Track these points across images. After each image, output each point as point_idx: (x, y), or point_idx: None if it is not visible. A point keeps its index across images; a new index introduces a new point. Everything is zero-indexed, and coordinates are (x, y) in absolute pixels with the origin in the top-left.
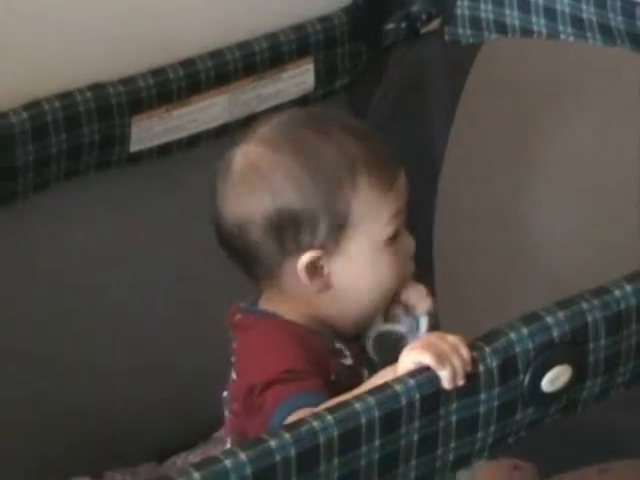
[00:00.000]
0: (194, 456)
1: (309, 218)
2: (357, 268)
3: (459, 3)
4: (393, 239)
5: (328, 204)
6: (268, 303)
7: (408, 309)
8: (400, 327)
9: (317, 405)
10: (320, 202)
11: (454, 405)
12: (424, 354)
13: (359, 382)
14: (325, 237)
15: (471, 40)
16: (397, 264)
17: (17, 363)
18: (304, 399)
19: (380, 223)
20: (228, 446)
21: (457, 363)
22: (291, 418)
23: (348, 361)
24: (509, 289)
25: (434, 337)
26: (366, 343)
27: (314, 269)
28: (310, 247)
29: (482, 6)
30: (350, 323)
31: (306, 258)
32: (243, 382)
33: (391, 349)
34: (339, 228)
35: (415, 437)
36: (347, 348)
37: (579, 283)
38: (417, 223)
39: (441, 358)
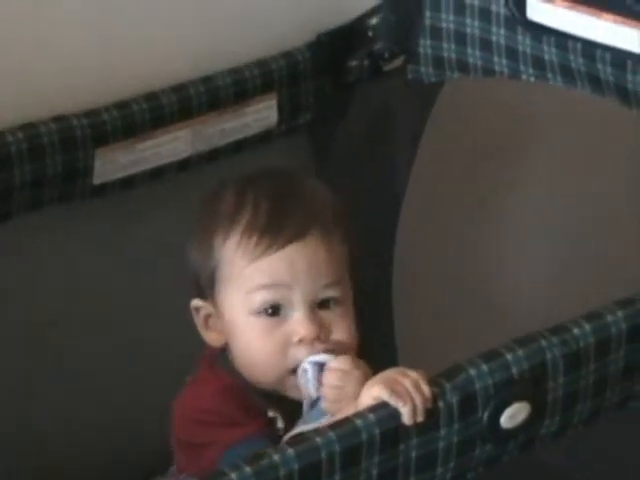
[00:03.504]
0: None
1: (193, 265)
2: (229, 328)
3: (422, 42)
4: (269, 313)
5: (203, 254)
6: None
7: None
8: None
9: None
10: (198, 252)
11: (414, 441)
12: (383, 389)
13: None
14: (206, 287)
15: (433, 79)
16: (271, 342)
17: None
18: (249, 446)
19: (241, 291)
20: None
21: (417, 399)
22: None
23: (280, 432)
24: (469, 327)
25: (395, 373)
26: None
27: (207, 319)
28: (201, 295)
29: (445, 45)
30: (260, 385)
31: (193, 303)
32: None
33: None
34: (211, 281)
35: (375, 472)
36: (283, 419)
37: (538, 322)
38: (377, 260)
39: (401, 394)
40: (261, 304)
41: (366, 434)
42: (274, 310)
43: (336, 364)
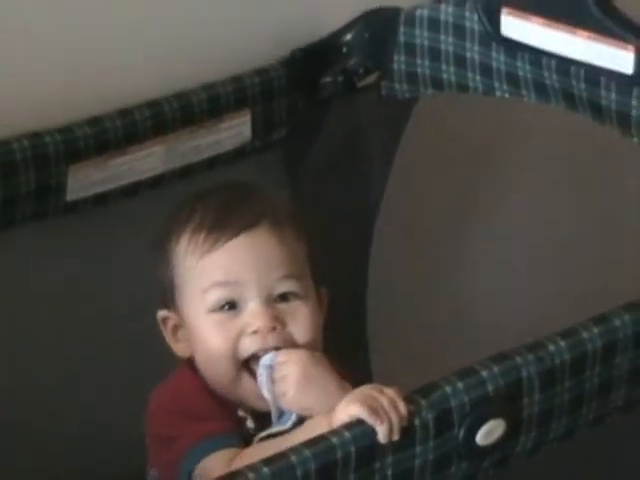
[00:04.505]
0: None
1: (159, 276)
2: (191, 333)
3: (396, 58)
4: (226, 310)
5: (162, 263)
6: None
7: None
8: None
9: (230, 447)
10: (159, 261)
11: (389, 458)
12: (361, 408)
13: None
14: (169, 296)
15: (407, 95)
16: (225, 334)
17: None
18: (216, 442)
19: (197, 290)
20: None
21: (394, 418)
22: (208, 461)
23: (251, 430)
24: (444, 344)
25: (372, 389)
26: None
27: (175, 330)
28: (167, 307)
29: (419, 61)
30: (222, 393)
31: (159, 315)
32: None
33: None
34: (171, 287)
35: None
36: (253, 418)
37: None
38: (351, 275)
39: (378, 412)
40: (216, 302)
41: (342, 452)
42: (230, 306)
43: (280, 357)
